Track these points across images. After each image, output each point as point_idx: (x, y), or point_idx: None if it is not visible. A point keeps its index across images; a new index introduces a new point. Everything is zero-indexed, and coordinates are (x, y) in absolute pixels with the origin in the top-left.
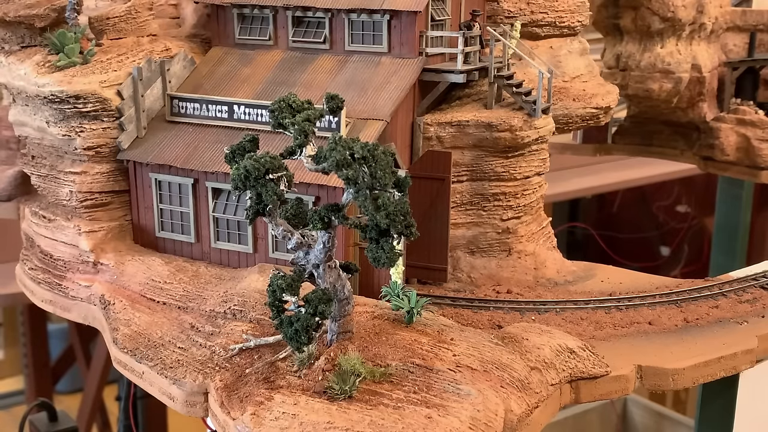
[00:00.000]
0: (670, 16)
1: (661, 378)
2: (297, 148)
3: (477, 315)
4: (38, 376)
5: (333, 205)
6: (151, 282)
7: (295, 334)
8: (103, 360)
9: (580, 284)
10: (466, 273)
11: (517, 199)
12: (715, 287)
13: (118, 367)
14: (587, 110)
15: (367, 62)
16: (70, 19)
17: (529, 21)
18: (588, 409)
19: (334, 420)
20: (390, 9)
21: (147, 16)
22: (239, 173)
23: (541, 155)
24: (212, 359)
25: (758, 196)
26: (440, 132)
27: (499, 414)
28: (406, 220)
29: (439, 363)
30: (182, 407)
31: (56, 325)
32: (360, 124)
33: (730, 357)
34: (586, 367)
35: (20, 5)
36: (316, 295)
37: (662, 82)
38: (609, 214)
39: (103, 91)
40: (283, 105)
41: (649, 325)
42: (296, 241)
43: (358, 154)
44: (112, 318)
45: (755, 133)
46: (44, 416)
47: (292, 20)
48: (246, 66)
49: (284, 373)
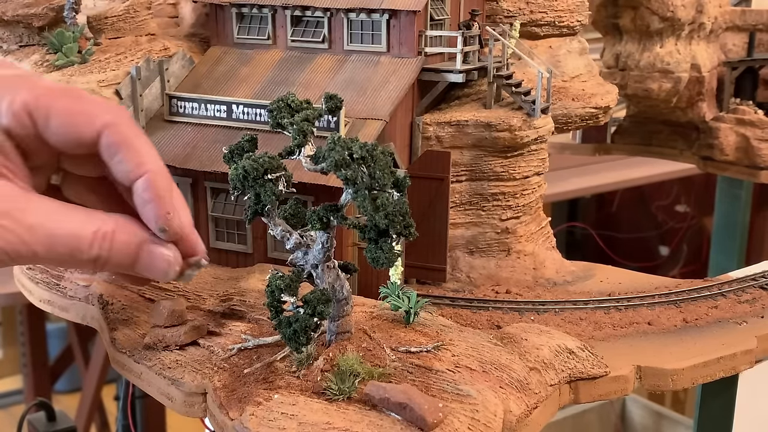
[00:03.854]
0: (670, 15)
1: (661, 378)
2: (296, 148)
3: (476, 315)
4: (37, 375)
5: (332, 206)
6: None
7: (293, 335)
8: (102, 360)
9: (580, 284)
10: (465, 273)
11: (516, 199)
12: (714, 287)
13: (116, 368)
14: (586, 110)
15: (366, 62)
16: (69, 18)
17: (528, 20)
18: (587, 409)
19: (332, 420)
20: (389, 8)
21: (145, 15)
22: (238, 173)
23: (540, 155)
24: (211, 360)
25: (757, 196)
26: (439, 132)
27: (498, 414)
28: (405, 220)
29: (438, 363)
30: (181, 408)
31: (55, 325)
32: (359, 124)
33: (730, 357)
34: (585, 368)
35: (18, 4)
36: (315, 295)
37: (661, 82)
38: (608, 214)
39: (101, 90)
40: (281, 105)
41: (648, 326)
42: (295, 241)
43: (357, 154)
44: (111, 318)
45: (754, 133)
46: (42, 416)
47: (291, 20)
48: (245, 65)
49: (283, 374)
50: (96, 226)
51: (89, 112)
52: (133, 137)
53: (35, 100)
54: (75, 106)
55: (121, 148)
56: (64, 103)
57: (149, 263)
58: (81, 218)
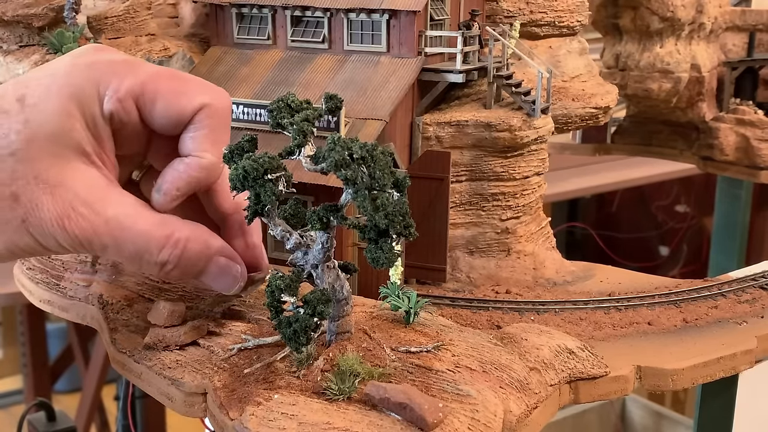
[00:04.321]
0: (670, 15)
1: (661, 378)
2: (296, 148)
3: (476, 315)
4: (37, 375)
5: (332, 206)
6: (150, 282)
7: (293, 335)
8: (102, 360)
9: (579, 284)
10: (465, 273)
11: (516, 199)
12: (714, 287)
13: (116, 368)
14: (586, 110)
15: (366, 62)
16: (69, 18)
17: (528, 21)
18: (587, 409)
19: (332, 420)
20: (389, 8)
21: (145, 15)
22: (237, 173)
23: (540, 155)
24: (211, 360)
25: (757, 196)
26: (439, 132)
27: (498, 414)
28: (405, 220)
29: (438, 363)
30: (181, 408)
31: (55, 325)
32: (359, 124)
33: (730, 357)
34: (585, 368)
35: (18, 4)
36: (315, 295)
37: (661, 82)
38: (608, 214)
39: None
40: (281, 105)
41: (648, 326)
42: (295, 241)
43: (357, 155)
44: (110, 318)
45: (754, 133)
46: (42, 416)
47: (291, 20)
48: (245, 65)
49: (283, 374)
50: (169, 230)
51: (192, 90)
52: (216, 126)
53: (141, 85)
54: (179, 86)
55: (199, 129)
56: (169, 85)
57: (216, 276)
58: (156, 221)
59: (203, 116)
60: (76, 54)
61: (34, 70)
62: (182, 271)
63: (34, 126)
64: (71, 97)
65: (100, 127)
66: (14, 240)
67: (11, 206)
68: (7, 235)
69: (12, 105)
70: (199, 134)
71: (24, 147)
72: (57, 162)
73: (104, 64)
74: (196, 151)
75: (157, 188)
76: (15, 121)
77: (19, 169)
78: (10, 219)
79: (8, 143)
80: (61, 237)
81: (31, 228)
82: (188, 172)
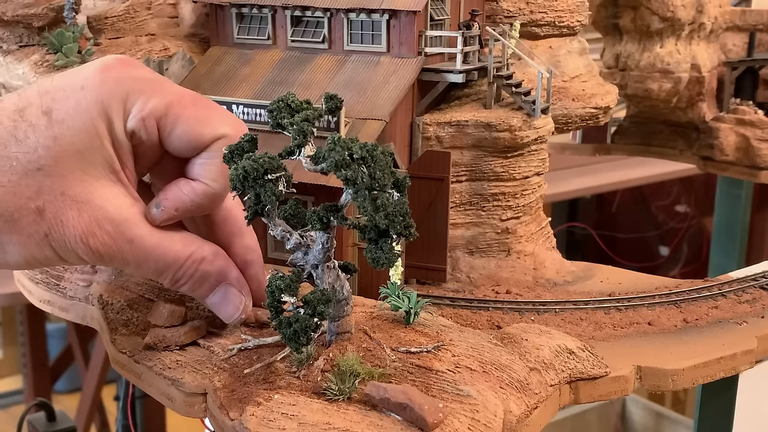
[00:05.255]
0: (670, 15)
1: (661, 379)
2: (296, 149)
3: (476, 315)
4: (37, 375)
5: (332, 206)
6: (150, 282)
7: (293, 335)
8: (102, 360)
9: (580, 284)
10: (465, 273)
11: (516, 199)
12: (714, 287)
13: (116, 368)
14: (586, 110)
15: (366, 62)
16: (69, 18)
17: (528, 21)
18: (587, 410)
19: (332, 420)
20: (389, 8)
21: (145, 15)
22: (237, 174)
23: (540, 155)
24: (211, 360)
25: (757, 196)
26: (439, 132)
27: (498, 415)
28: (405, 220)
29: (438, 363)
30: (181, 408)
31: (55, 325)
32: (359, 124)
33: (730, 358)
34: (586, 368)
35: (18, 4)
36: (315, 295)
37: (661, 82)
38: (608, 214)
39: None
40: (281, 105)
41: (648, 326)
42: (295, 241)
43: (357, 155)
44: (110, 318)
45: (755, 133)
46: (42, 416)
47: (291, 20)
48: (245, 65)
49: (283, 374)
50: (191, 250)
51: (215, 120)
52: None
53: (166, 107)
54: (203, 114)
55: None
56: (193, 112)
57: (220, 302)
58: (179, 239)
59: (220, 146)
60: (103, 67)
61: (57, 77)
62: (191, 288)
63: (63, 143)
64: (100, 114)
65: (122, 144)
66: (34, 253)
67: (36, 220)
68: (28, 249)
69: (39, 119)
70: (212, 162)
71: (52, 164)
72: (85, 179)
73: (132, 80)
74: (204, 177)
75: (156, 204)
76: (43, 136)
77: (46, 185)
78: (32, 233)
79: (36, 158)
80: (83, 252)
81: (54, 242)
82: (191, 196)
